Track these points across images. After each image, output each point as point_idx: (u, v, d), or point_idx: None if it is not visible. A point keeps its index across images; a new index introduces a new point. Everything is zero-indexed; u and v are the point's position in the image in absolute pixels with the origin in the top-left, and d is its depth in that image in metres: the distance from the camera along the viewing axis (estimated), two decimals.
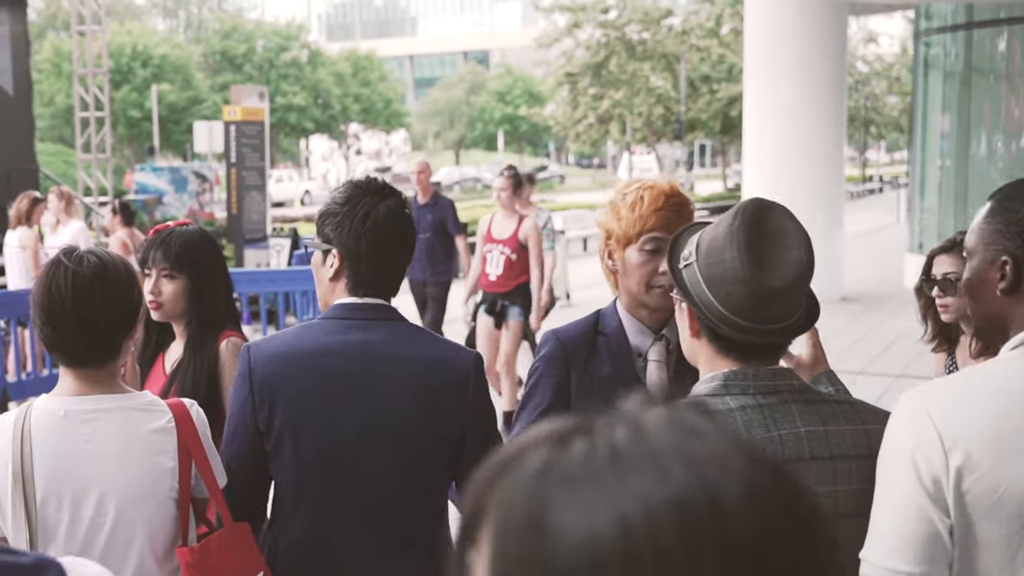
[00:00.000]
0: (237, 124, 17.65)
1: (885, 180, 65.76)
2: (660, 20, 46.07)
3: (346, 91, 69.90)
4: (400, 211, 2.75)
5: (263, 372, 2.69)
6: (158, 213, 21.50)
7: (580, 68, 47.25)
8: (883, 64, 58.75)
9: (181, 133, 56.03)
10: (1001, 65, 15.01)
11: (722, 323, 2.04)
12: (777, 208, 2.11)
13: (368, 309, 2.73)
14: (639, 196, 2.79)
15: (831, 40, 15.68)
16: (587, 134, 50.01)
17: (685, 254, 2.14)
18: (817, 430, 2.04)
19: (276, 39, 69.06)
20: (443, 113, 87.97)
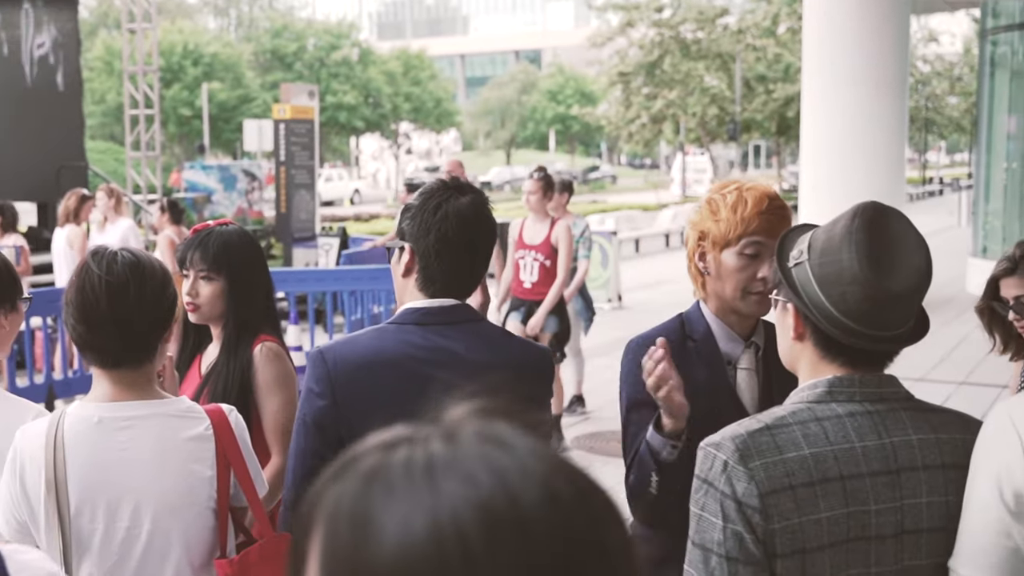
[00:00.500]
0: (287, 122, 17.67)
1: (945, 182, 65.02)
2: (715, 19, 45.80)
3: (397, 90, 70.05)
4: (476, 208, 2.61)
5: (347, 379, 2.53)
6: (207, 211, 21.59)
7: (633, 67, 47.08)
8: (944, 64, 58.08)
9: (231, 131, 56.40)
10: None
11: (833, 325, 1.98)
12: (895, 212, 2.06)
13: (445, 312, 2.60)
14: (741, 197, 2.68)
15: (893, 39, 15.45)
16: (640, 134, 49.81)
17: (795, 253, 2.07)
18: (928, 438, 1.99)
19: (327, 38, 69.33)
20: (494, 112, 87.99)
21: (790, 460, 1.89)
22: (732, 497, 1.87)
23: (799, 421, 1.94)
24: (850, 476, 1.90)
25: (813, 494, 1.87)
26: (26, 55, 17.82)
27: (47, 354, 9.54)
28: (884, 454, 1.94)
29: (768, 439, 1.90)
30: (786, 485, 1.87)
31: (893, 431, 1.97)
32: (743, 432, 1.92)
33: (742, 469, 1.88)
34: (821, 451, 1.90)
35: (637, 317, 14.67)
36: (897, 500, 1.92)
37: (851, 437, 1.93)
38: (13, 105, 17.20)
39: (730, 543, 1.87)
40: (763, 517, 1.85)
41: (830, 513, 1.88)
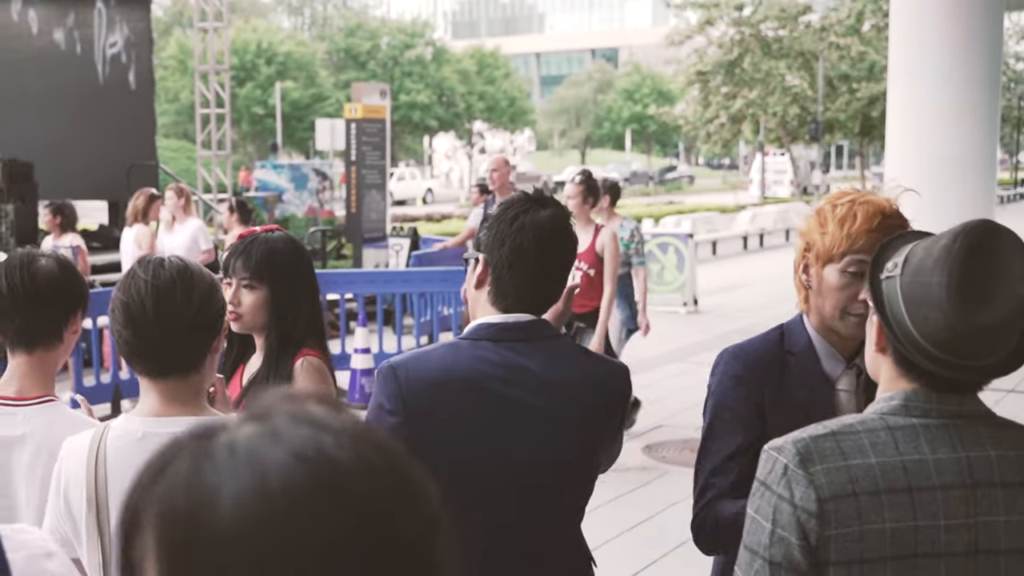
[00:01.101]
0: (358, 122, 17.70)
1: None
2: (797, 17, 45.41)
3: (470, 89, 70.28)
4: (556, 222, 2.53)
5: (419, 396, 2.44)
6: (277, 211, 21.72)
7: (712, 66, 46.81)
8: None
9: (304, 130, 56.90)
10: None
11: (912, 347, 1.91)
12: (1006, 234, 1.92)
13: (520, 328, 2.51)
14: (851, 211, 2.50)
15: (984, 36, 15.11)
16: (718, 134, 49.51)
17: (890, 265, 1.99)
18: (1008, 455, 1.91)
19: (401, 36, 69.76)
20: (569, 111, 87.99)
21: (855, 467, 1.85)
22: (789, 501, 1.85)
23: (868, 429, 1.90)
24: (919, 488, 1.85)
25: (878, 503, 1.83)
26: (99, 54, 18.06)
27: (114, 353, 9.60)
28: (959, 468, 1.87)
29: (832, 444, 1.87)
30: (849, 492, 1.83)
31: (969, 446, 1.90)
32: (806, 436, 1.89)
33: (802, 473, 1.85)
34: (889, 460, 1.86)
35: (713, 321, 14.49)
36: (972, 517, 1.86)
37: (923, 449, 1.88)
38: (85, 104, 17.43)
39: (775, 548, 1.86)
40: (820, 523, 1.82)
41: (895, 524, 1.83)
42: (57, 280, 2.70)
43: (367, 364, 10.12)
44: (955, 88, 14.87)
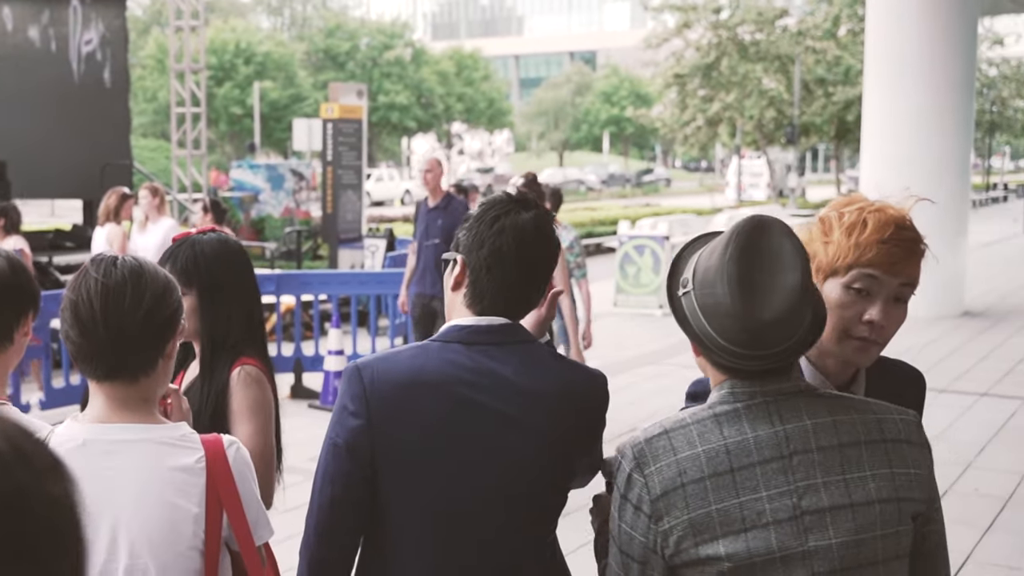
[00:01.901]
0: (334, 122, 17.56)
1: (1010, 188, 64.15)
2: (774, 20, 45.47)
3: (449, 90, 70.19)
4: (538, 225, 2.45)
5: (384, 398, 2.36)
6: (254, 211, 21.59)
7: (690, 69, 46.81)
8: (1010, 67, 57.31)
9: (282, 130, 56.73)
10: None
11: (723, 352, 2.01)
12: (774, 227, 2.02)
13: (494, 332, 2.42)
14: (860, 218, 2.25)
15: (959, 41, 15.12)
16: (695, 137, 49.57)
17: (683, 281, 2.09)
18: (824, 421, 2.02)
19: (380, 37, 69.62)
20: (548, 113, 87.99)
21: (683, 459, 1.97)
22: (631, 502, 2.01)
23: (697, 420, 2.01)
24: (741, 467, 1.96)
25: (703, 488, 1.95)
26: (74, 52, 17.88)
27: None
28: (776, 441, 1.98)
29: (665, 442, 2.00)
30: (678, 484, 1.96)
31: (788, 419, 2.01)
32: (642, 440, 2.02)
33: (638, 477, 2.00)
34: (714, 446, 1.98)
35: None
36: (791, 484, 1.97)
37: (745, 429, 1.99)
38: (60, 102, 17.26)
39: (623, 541, 2.03)
40: (655, 520, 1.97)
41: (720, 505, 1.95)
42: (7, 280, 2.58)
43: (340, 366, 9.99)
44: (930, 92, 14.87)
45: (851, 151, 53.30)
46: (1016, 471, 8.03)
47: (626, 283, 15.72)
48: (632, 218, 26.01)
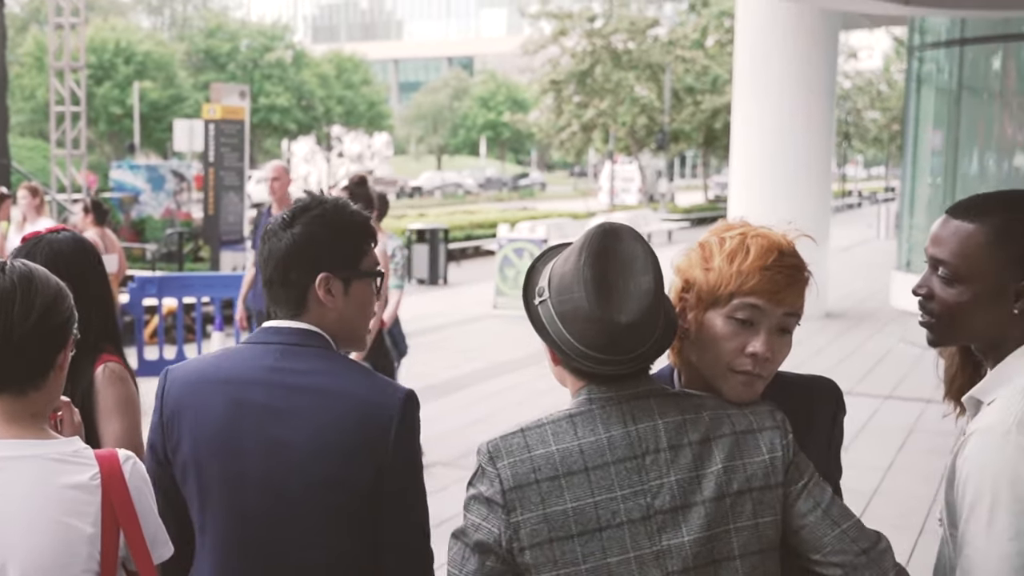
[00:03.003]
0: (217, 123, 17.20)
1: (864, 195, 65.79)
2: (646, 30, 45.94)
3: (329, 93, 69.55)
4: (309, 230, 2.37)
5: (173, 396, 2.40)
6: (134, 212, 21.05)
7: (565, 76, 47.05)
8: (864, 79, 58.81)
9: (162, 131, 55.51)
10: (993, 82, 14.75)
11: (581, 358, 1.98)
12: (625, 233, 2.00)
13: (295, 334, 2.37)
14: (743, 244, 2.09)
15: (822, 54, 15.42)
16: (570, 142, 49.86)
17: (539, 290, 2.05)
18: (673, 420, 2.01)
19: (261, 39, 68.66)
20: (426, 118, 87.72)
21: (537, 456, 1.96)
22: (482, 494, 1.98)
23: (552, 420, 2.01)
24: (595, 467, 1.95)
25: (558, 486, 1.94)
26: None
27: None
28: (629, 441, 1.97)
29: (520, 440, 1.99)
30: (532, 480, 1.94)
31: (640, 419, 1.99)
32: (497, 437, 2.01)
33: (490, 469, 1.98)
34: (568, 446, 1.96)
35: None
36: (643, 483, 1.95)
37: (599, 430, 1.98)
38: None
39: (469, 533, 1.99)
40: (506, 511, 1.95)
41: (575, 504, 1.93)
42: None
43: None
44: (795, 102, 15.12)
45: (718, 158, 54.15)
46: (879, 466, 8.18)
47: (506, 286, 15.68)
48: (510, 221, 26.03)
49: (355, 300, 2.42)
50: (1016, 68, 14.35)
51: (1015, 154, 14.21)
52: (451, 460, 7.84)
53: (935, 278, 2.13)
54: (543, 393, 10.21)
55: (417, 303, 17.08)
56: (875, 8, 14.46)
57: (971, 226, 2.07)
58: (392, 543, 2.32)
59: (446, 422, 9.00)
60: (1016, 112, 14.26)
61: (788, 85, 15.11)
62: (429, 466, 7.79)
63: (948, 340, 2.22)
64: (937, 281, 2.12)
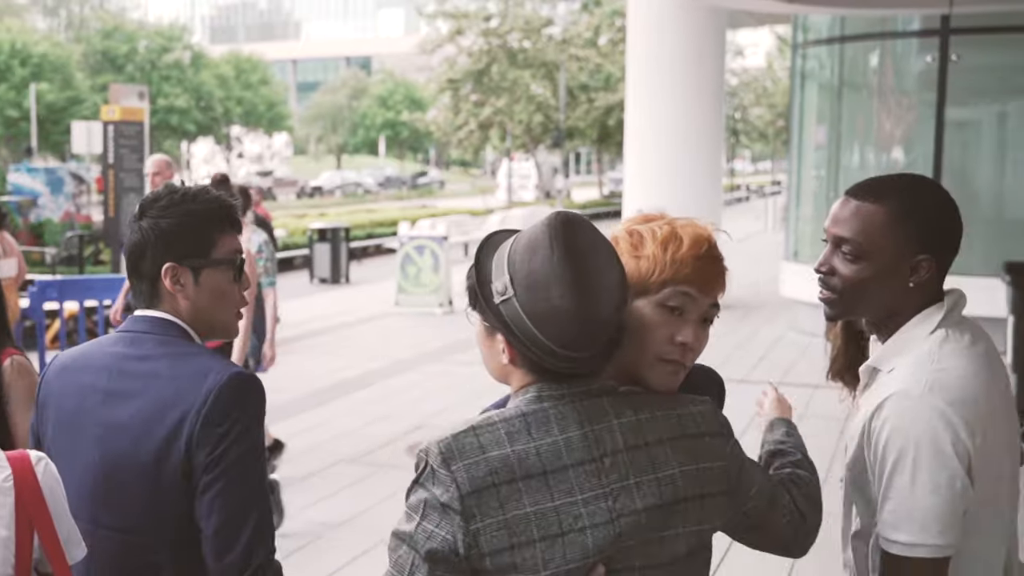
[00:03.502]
0: (116, 124, 16.85)
1: (751, 189, 66.77)
2: (540, 29, 46.10)
3: (228, 94, 68.68)
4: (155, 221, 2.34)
5: (46, 383, 2.43)
6: (32, 215, 20.55)
7: (462, 75, 47.03)
8: (750, 76, 59.70)
9: (60, 133, 54.28)
10: (872, 79, 15.03)
11: (549, 356, 1.87)
12: (583, 224, 1.93)
13: (145, 322, 2.35)
14: (675, 233, 2.05)
15: (710, 51, 15.59)
16: (468, 140, 49.83)
17: (499, 287, 1.90)
18: (629, 420, 1.94)
19: (159, 40, 67.55)
20: (326, 117, 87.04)
21: (493, 459, 1.84)
22: (436, 499, 1.84)
23: (504, 419, 1.89)
24: (553, 470, 1.85)
25: (517, 490, 1.83)
26: None
27: None
28: (587, 443, 1.89)
29: (472, 440, 1.85)
30: (489, 483, 1.82)
31: (596, 420, 1.91)
32: (449, 436, 1.87)
33: (444, 472, 1.83)
34: (524, 448, 1.86)
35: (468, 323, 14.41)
36: (605, 486, 1.88)
37: (554, 431, 1.88)
38: None
39: (419, 538, 1.84)
40: (464, 518, 1.82)
41: (536, 508, 1.83)
42: None
43: None
44: (686, 99, 15.26)
45: (612, 154, 54.51)
46: None
47: (407, 283, 15.61)
48: (411, 219, 25.92)
49: (208, 289, 2.35)
50: (893, 65, 14.64)
51: (892, 147, 14.49)
52: (355, 457, 7.78)
53: (836, 256, 2.22)
54: (445, 389, 10.19)
55: (319, 302, 16.94)
56: (759, 6, 14.67)
57: (872, 206, 2.18)
58: (211, 526, 2.20)
59: (349, 420, 8.94)
60: (893, 107, 14.56)
61: (678, 82, 15.25)
62: (333, 464, 7.74)
63: (848, 314, 2.31)
64: (839, 258, 2.22)
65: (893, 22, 13.89)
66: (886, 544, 2.12)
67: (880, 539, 2.14)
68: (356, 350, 12.35)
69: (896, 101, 14.52)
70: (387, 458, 7.78)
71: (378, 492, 6.99)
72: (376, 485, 7.15)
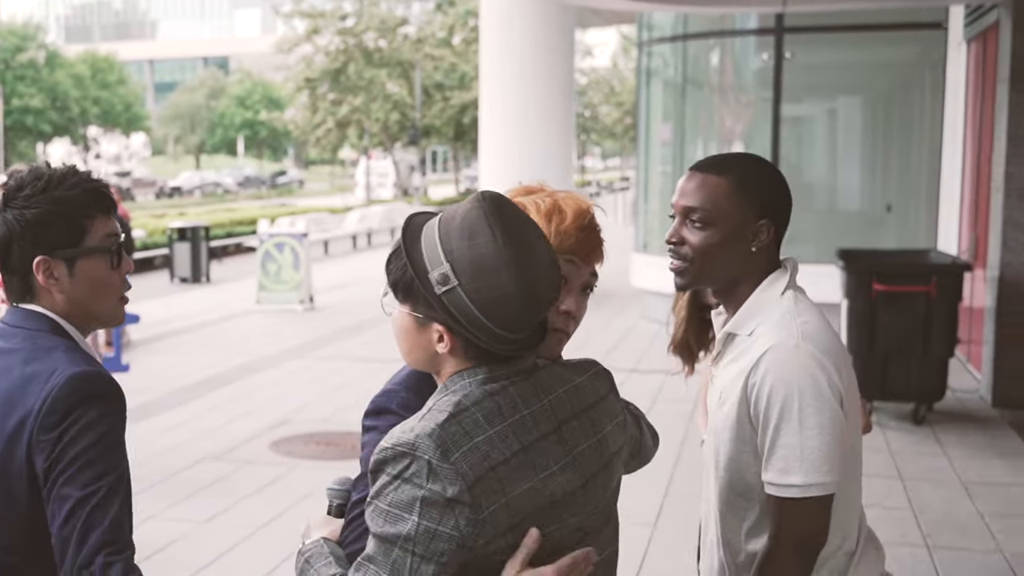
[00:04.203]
0: None
1: (602, 185, 67.61)
2: (396, 28, 45.91)
3: (85, 94, 66.76)
4: (21, 212, 2.16)
5: None
6: None
7: (319, 74, 46.58)
8: (598, 76, 60.45)
9: None
10: (713, 76, 15.29)
11: (497, 342, 1.82)
12: (510, 202, 1.88)
13: (17, 315, 2.21)
14: (557, 206, 2.09)
15: (560, 50, 15.69)
16: (326, 139, 49.41)
17: (438, 277, 1.81)
18: (571, 386, 1.95)
19: (12, 39, 65.18)
20: (184, 117, 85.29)
21: (480, 443, 1.76)
22: (440, 494, 1.71)
23: (475, 402, 1.80)
24: (529, 445, 1.82)
25: (510, 469, 1.77)
26: None
27: None
28: (547, 414, 1.87)
29: (457, 428, 1.75)
30: (487, 468, 1.74)
31: (548, 391, 1.90)
32: (435, 426, 1.74)
33: (447, 466, 1.71)
34: (501, 428, 1.80)
35: (330, 318, 14.26)
36: (569, 453, 1.87)
37: (519, 407, 1.84)
38: None
39: (421, 538, 1.72)
40: (474, 510, 1.71)
41: (528, 485, 1.79)
42: None
43: None
44: (537, 97, 15.34)
45: (467, 152, 54.62)
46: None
47: (268, 280, 15.35)
48: (271, 217, 25.51)
49: (84, 280, 2.20)
50: (732, 63, 14.93)
51: (733, 143, 14.76)
52: (218, 455, 7.62)
53: (686, 226, 2.34)
54: (308, 384, 10.05)
55: (180, 301, 16.56)
56: (604, 3, 14.78)
57: (716, 177, 2.32)
58: (56, 528, 2.05)
59: (212, 417, 8.75)
60: (733, 104, 14.84)
61: (530, 81, 15.32)
62: (197, 461, 7.56)
63: (697, 282, 2.38)
64: (688, 228, 2.33)
65: (732, 20, 14.15)
66: (779, 490, 2.21)
67: (771, 487, 2.23)
68: (218, 348, 12.10)
69: (736, 98, 14.82)
70: (251, 454, 7.63)
71: (243, 488, 6.85)
72: (240, 481, 7.00)
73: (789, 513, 2.21)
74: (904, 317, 8.13)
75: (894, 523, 6.09)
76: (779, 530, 2.23)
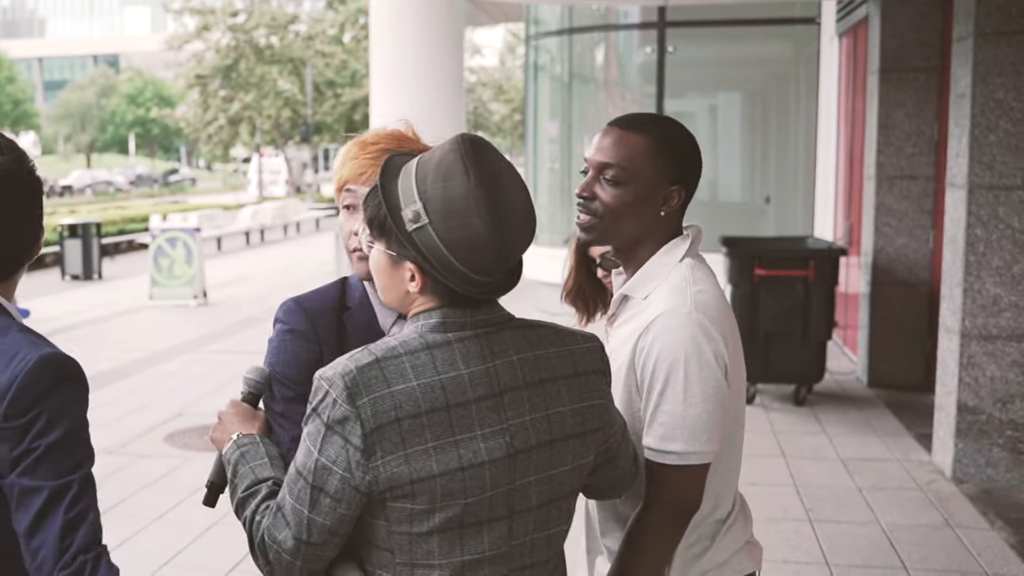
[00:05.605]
0: None
1: None
2: (287, 25, 45.40)
3: None
4: None
5: None
6: None
7: (210, 71, 45.83)
8: (487, 74, 60.53)
9: None
10: (599, 71, 15.36)
11: (465, 283, 1.81)
12: (489, 145, 1.86)
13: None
14: (353, 144, 2.24)
15: (449, 48, 15.62)
16: (218, 136, 48.63)
17: (410, 215, 1.80)
18: (527, 356, 1.89)
19: None
20: (74, 116, 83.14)
21: (398, 392, 1.75)
22: (339, 434, 1.74)
23: (409, 351, 1.79)
24: (456, 405, 1.78)
25: (420, 425, 1.75)
26: None
27: None
28: (488, 378, 1.83)
29: (377, 372, 1.76)
30: (392, 419, 1.74)
31: (498, 354, 1.85)
32: (353, 368, 1.76)
33: (349, 407, 1.73)
34: (429, 381, 1.78)
35: (223, 313, 14.01)
36: (504, 422, 1.83)
37: (459, 365, 1.81)
38: None
39: (319, 474, 1.76)
40: (365, 455, 1.74)
41: (436, 443, 1.76)
42: None
43: None
44: (427, 94, 15.27)
45: None
46: None
47: (160, 276, 15.00)
48: (163, 212, 25.01)
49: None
50: (616, 57, 15.01)
51: None
52: (113, 448, 7.41)
53: (598, 183, 2.25)
54: (202, 377, 9.85)
55: (71, 298, 16.13)
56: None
57: (636, 136, 2.24)
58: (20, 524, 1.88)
59: (106, 411, 8.51)
60: (618, 99, 14.92)
61: (420, 78, 15.23)
62: None
63: (603, 239, 2.32)
64: (600, 184, 2.25)
65: (616, 14, 14.22)
66: (658, 456, 2.16)
67: (650, 452, 2.18)
68: (111, 344, 11.79)
69: (621, 93, 14.92)
70: (145, 448, 7.44)
71: (137, 481, 6.69)
72: (135, 474, 6.83)
73: (666, 479, 2.17)
74: (784, 301, 8.27)
75: (778, 499, 6.18)
76: (654, 494, 2.19)
